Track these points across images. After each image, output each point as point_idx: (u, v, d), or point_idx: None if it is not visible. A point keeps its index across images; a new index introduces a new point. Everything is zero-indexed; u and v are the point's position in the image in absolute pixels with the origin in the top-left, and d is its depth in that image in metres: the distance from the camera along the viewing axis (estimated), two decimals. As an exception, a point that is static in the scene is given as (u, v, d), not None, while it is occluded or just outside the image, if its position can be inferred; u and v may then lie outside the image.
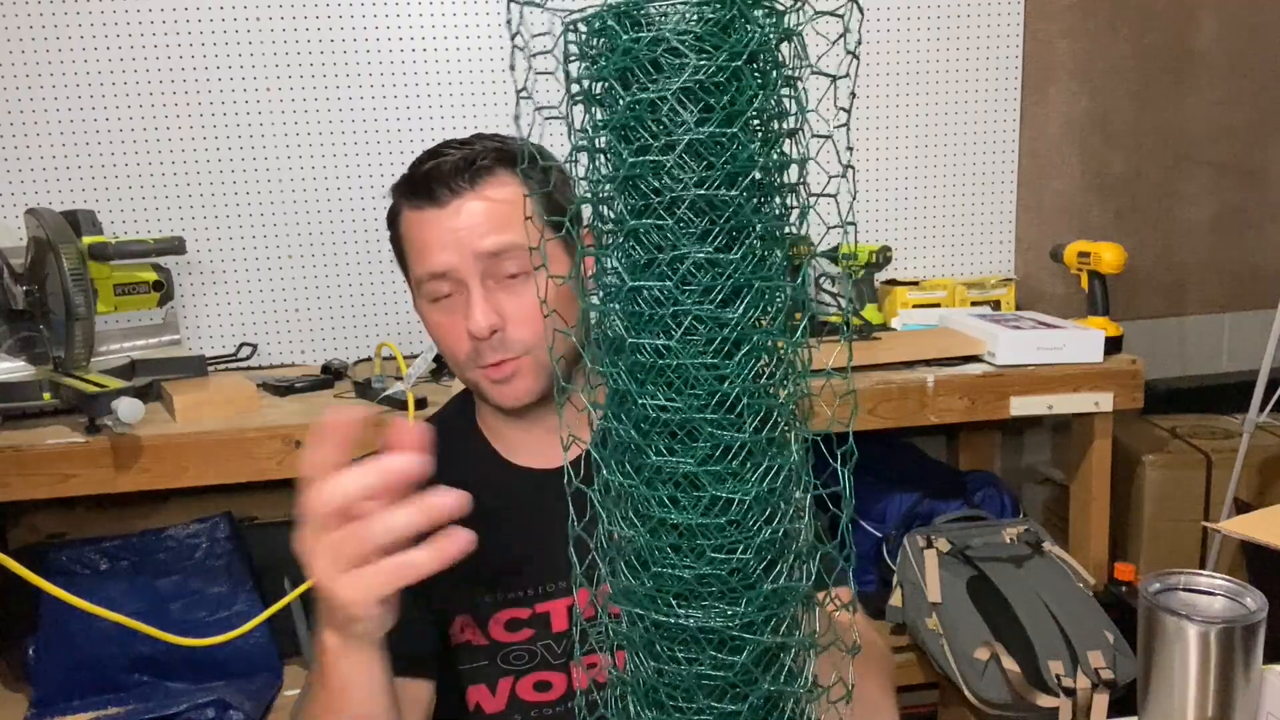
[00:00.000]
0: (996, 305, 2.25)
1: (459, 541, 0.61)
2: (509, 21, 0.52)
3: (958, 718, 1.71)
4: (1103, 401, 1.87)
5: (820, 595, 0.57)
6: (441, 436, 1.04)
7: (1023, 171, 2.39)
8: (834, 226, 0.54)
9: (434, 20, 2.08)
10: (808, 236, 0.55)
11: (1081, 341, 1.89)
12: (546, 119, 0.54)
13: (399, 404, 1.66)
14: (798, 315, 0.54)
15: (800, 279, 0.54)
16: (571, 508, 0.59)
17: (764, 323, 0.52)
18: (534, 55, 0.53)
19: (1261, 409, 2.05)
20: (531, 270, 0.92)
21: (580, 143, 0.53)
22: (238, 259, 2.09)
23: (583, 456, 0.98)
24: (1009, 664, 1.62)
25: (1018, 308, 2.27)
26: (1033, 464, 2.52)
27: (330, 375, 1.93)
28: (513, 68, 0.51)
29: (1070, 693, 1.58)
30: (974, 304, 2.23)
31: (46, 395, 1.64)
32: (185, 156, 2.03)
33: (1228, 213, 2.53)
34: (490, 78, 2.11)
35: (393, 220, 0.99)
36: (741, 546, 0.52)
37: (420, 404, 1.65)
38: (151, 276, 1.83)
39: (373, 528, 0.61)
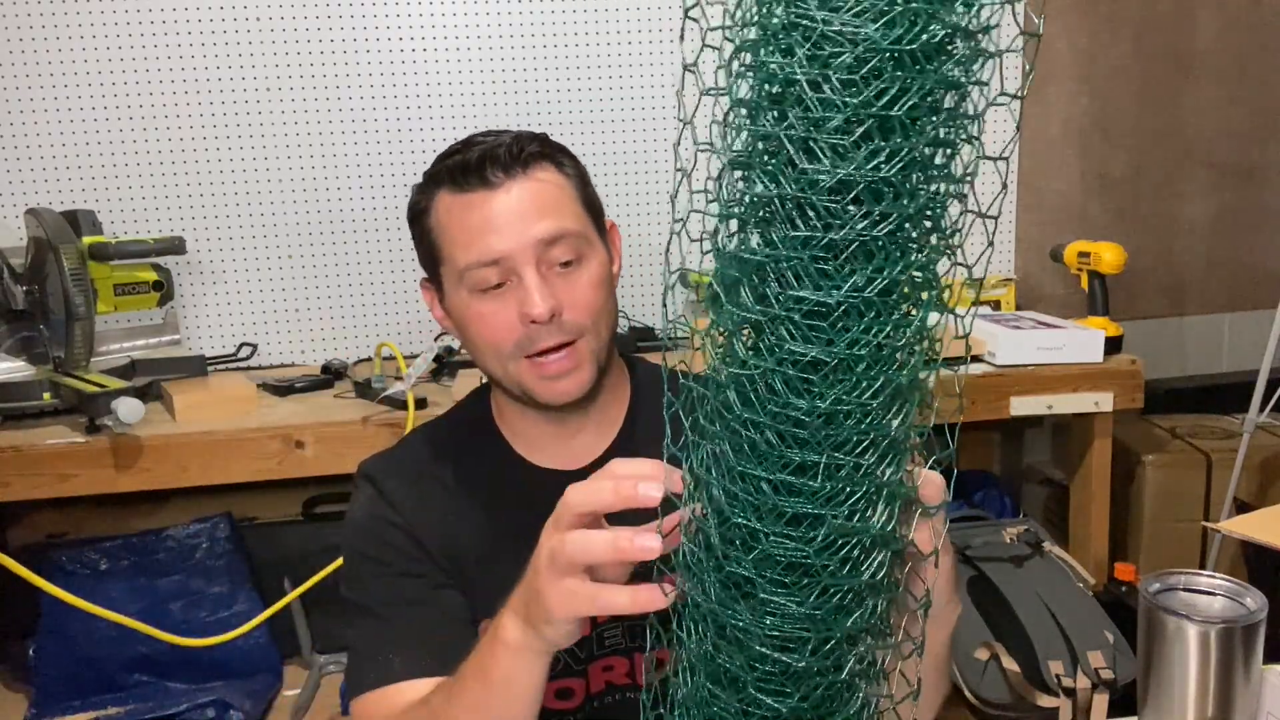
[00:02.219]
0: (996, 305, 2.25)
1: (654, 598, 0.60)
2: None
3: (958, 718, 1.71)
4: (1103, 401, 1.87)
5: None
6: (454, 439, 1.02)
7: (1023, 171, 2.38)
8: (979, 214, 0.50)
9: (434, 20, 2.08)
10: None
11: (1081, 341, 1.88)
12: (704, 90, 0.50)
13: (399, 404, 1.66)
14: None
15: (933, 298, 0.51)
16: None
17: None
18: (689, 19, 0.48)
19: (1261, 409, 2.05)
20: (583, 256, 0.90)
21: (728, 116, 0.49)
22: (238, 259, 2.09)
23: (602, 455, 0.98)
24: (1009, 664, 1.62)
25: (1018, 308, 2.27)
26: (1033, 464, 2.52)
27: (330, 375, 1.93)
28: (682, 37, 0.47)
29: (1070, 693, 1.58)
30: (974, 304, 2.22)
31: (46, 395, 1.64)
32: (185, 156, 2.03)
33: (1228, 213, 2.52)
34: (490, 78, 2.11)
35: (422, 213, 0.93)
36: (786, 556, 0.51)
37: (420, 404, 1.65)
38: (151, 276, 1.83)
39: (573, 542, 0.62)
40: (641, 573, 0.66)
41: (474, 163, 0.88)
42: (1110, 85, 2.40)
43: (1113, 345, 1.92)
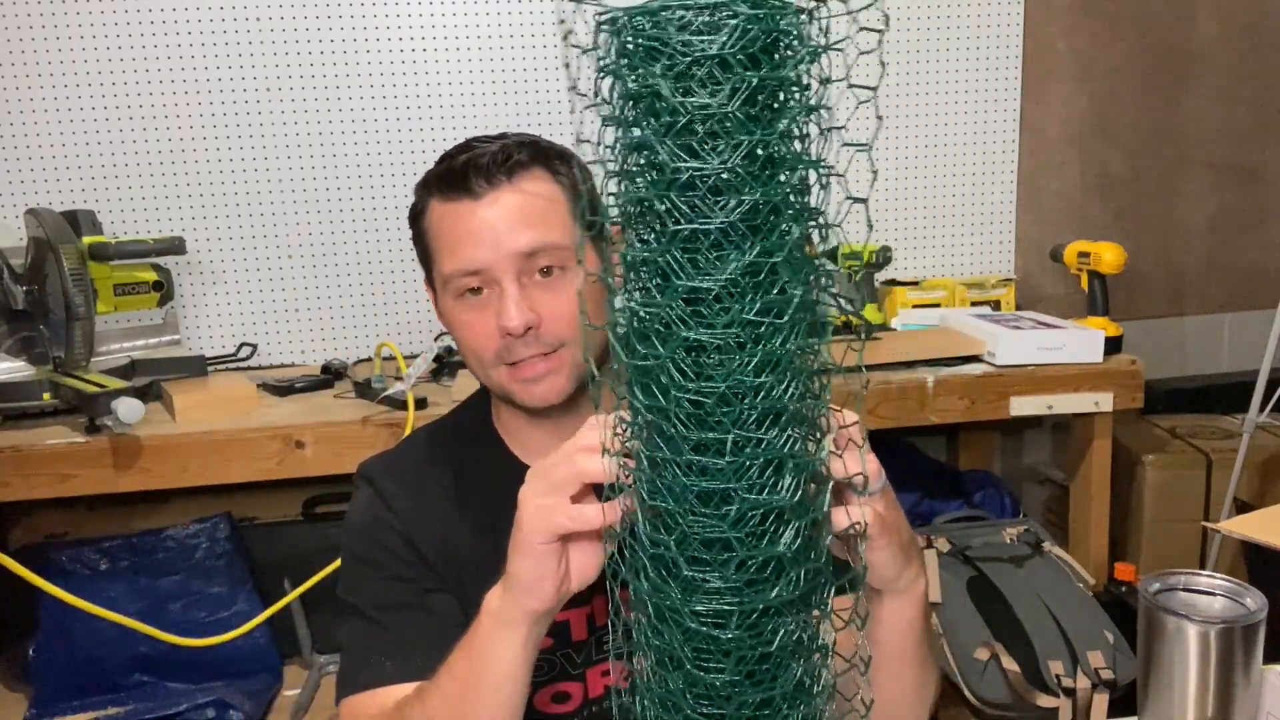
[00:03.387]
0: (996, 305, 2.25)
1: (614, 510, 0.62)
2: (561, 22, 0.53)
3: (958, 718, 1.71)
4: (1103, 401, 1.87)
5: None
6: (456, 441, 1.01)
7: (1023, 171, 2.39)
8: (851, 199, 0.53)
9: (434, 20, 2.08)
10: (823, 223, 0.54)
11: (1081, 341, 1.89)
12: (587, 107, 0.54)
13: (399, 404, 1.66)
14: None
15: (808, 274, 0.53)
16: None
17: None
18: (576, 49, 0.53)
19: (1261, 409, 2.05)
20: (566, 268, 0.90)
21: (605, 129, 0.54)
22: (238, 259, 2.09)
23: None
24: (1009, 664, 1.62)
25: (1018, 308, 2.27)
26: (1033, 464, 2.52)
27: (330, 375, 1.93)
28: (567, 65, 0.52)
29: (1070, 693, 1.58)
30: (974, 304, 2.23)
31: (46, 395, 1.64)
32: (185, 156, 2.03)
33: (1228, 213, 2.53)
34: (490, 78, 2.11)
35: (418, 215, 0.95)
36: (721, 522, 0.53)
37: (420, 404, 1.65)
38: (151, 276, 1.83)
39: (583, 460, 0.65)
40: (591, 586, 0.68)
41: (459, 171, 0.89)
42: (1110, 85, 2.40)
43: (1113, 345, 1.92)
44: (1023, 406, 1.85)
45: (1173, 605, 0.79)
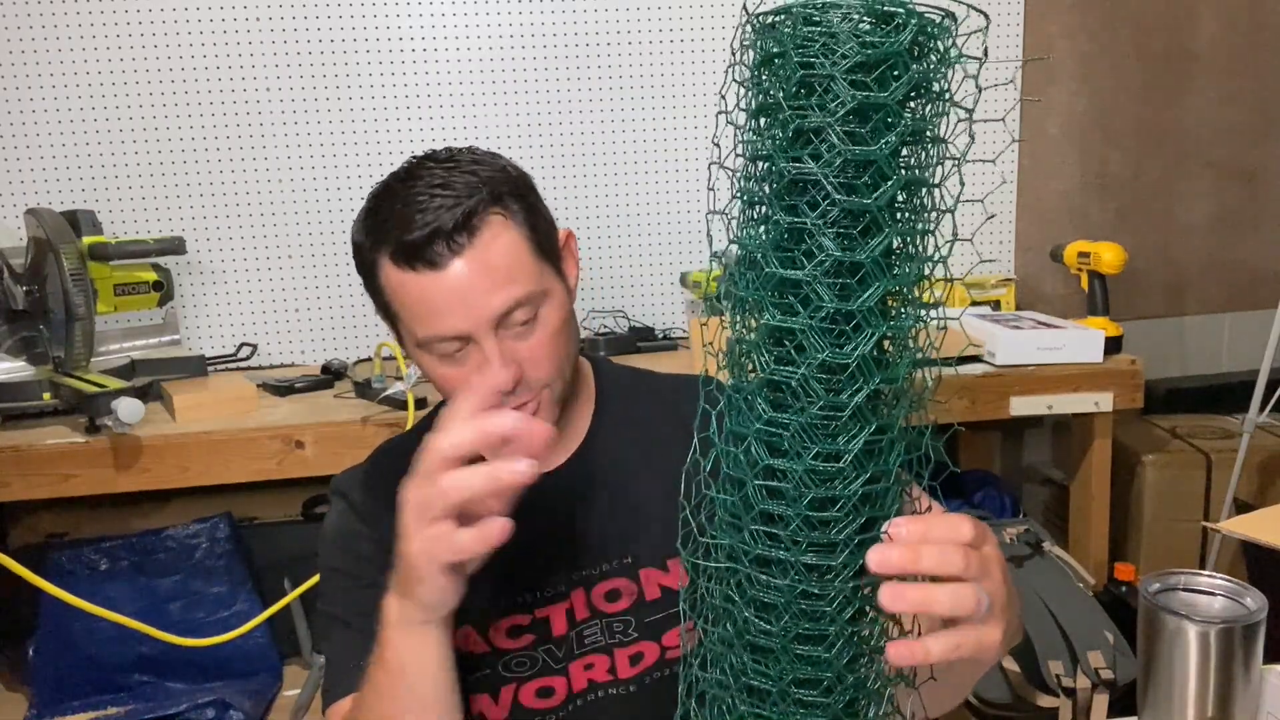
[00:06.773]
0: (996, 305, 2.25)
1: (499, 528, 0.65)
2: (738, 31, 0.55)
3: (958, 718, 1.71)
4: (1103, 401, 1.87)
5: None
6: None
7: (1023, 171, 2.38)
8: (945, 211, 0.58)
9: (434, 20, 2.08)
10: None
11: (1081, 341, 1.89)
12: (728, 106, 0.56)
13: (399, 404, 1.66)
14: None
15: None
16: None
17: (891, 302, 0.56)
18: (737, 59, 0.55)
19: (1261, 409, 2.05)
20: (537, 314, 0.88)
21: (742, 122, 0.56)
22: (238, 259, 2.09)
23: (570, 459, 0.99)
24: (1009, 664, 1.62)
25: (1018, 308, 2.27)
26: (1033, 464, 2.52)
27: (330, 375, 1.93)
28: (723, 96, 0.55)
29: (1070, 693, 1.58)
30: (974, 304, 2.23)
31: (46, 395, 1.64)
32: (185, 156, 2.03)
33: (1228, 213, 2.52)
34: (490, 78, 2.11)
35: (371, 270, 0.89)
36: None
37: (420, 404, 1.65)
38: (151, 276, 1.83)
39: (448, 482, 0.67)
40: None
41: (420, 241, 0.83)
42: (1110, 85, 2.40)
43: (1113, 345, 1.92)
44: (1023, 406, 1.85)
45: (1173, 605, 0.79)
